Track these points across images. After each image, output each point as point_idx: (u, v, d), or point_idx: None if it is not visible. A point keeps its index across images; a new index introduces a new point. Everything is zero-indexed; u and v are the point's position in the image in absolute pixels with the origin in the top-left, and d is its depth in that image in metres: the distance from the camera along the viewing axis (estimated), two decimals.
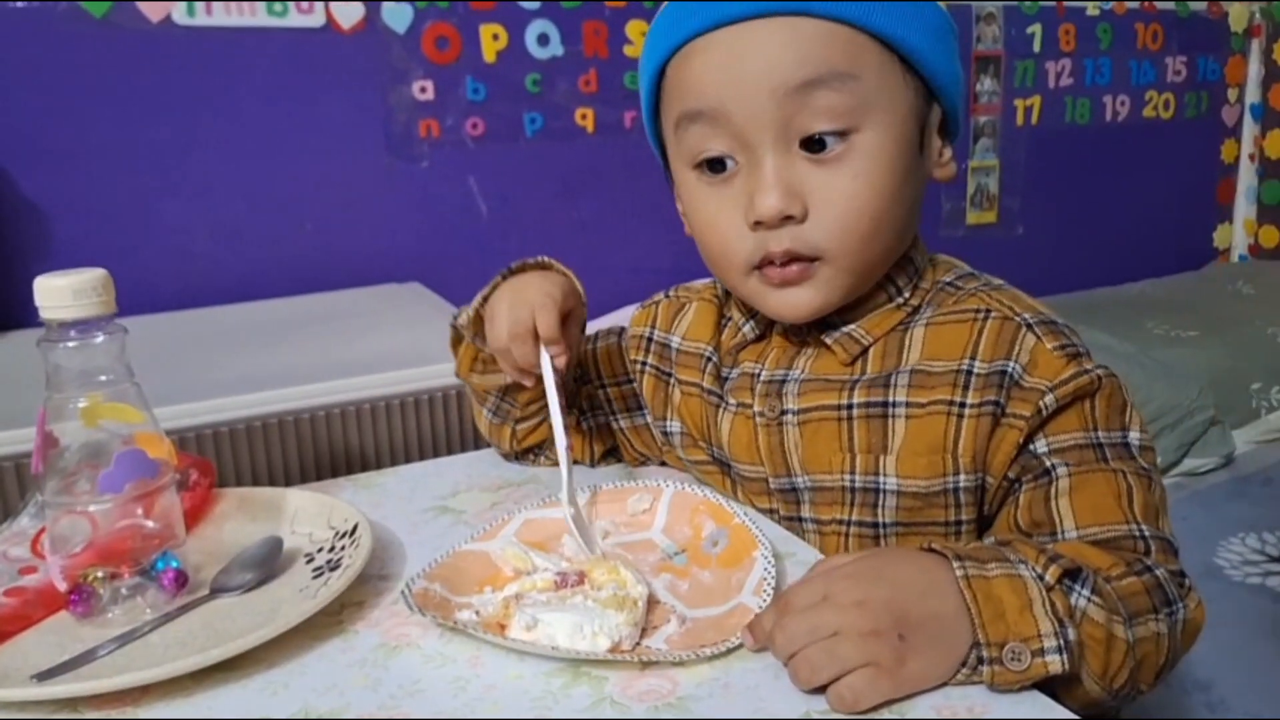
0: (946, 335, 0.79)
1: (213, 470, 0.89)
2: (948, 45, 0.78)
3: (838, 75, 0.73)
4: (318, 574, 0.76)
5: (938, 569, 0.64)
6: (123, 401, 0.73)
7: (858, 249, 0.77)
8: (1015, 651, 0.60)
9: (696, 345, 0.92)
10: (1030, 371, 0.75)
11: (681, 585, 0.75)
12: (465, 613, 0.69)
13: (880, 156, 0.75)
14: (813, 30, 0.73)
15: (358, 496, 0.91)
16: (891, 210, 0.76)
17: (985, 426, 0.75)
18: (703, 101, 0.76)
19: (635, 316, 0.99)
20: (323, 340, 1.52)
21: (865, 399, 0.79)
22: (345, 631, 0.70)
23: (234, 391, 1.22)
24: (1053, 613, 0.61)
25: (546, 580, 0.72)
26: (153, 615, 0.71)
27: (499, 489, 0.93)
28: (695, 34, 0.76)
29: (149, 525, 0.74)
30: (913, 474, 0.77)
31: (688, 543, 0.80)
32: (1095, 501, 0.72)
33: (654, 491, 0.85)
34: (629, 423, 0.99)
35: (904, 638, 0.60)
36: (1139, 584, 0.67)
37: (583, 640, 0.64)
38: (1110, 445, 0.74)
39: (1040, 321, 0.77)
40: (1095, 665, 0.63)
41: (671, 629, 0.68)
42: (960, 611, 0.61)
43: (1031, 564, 0.64)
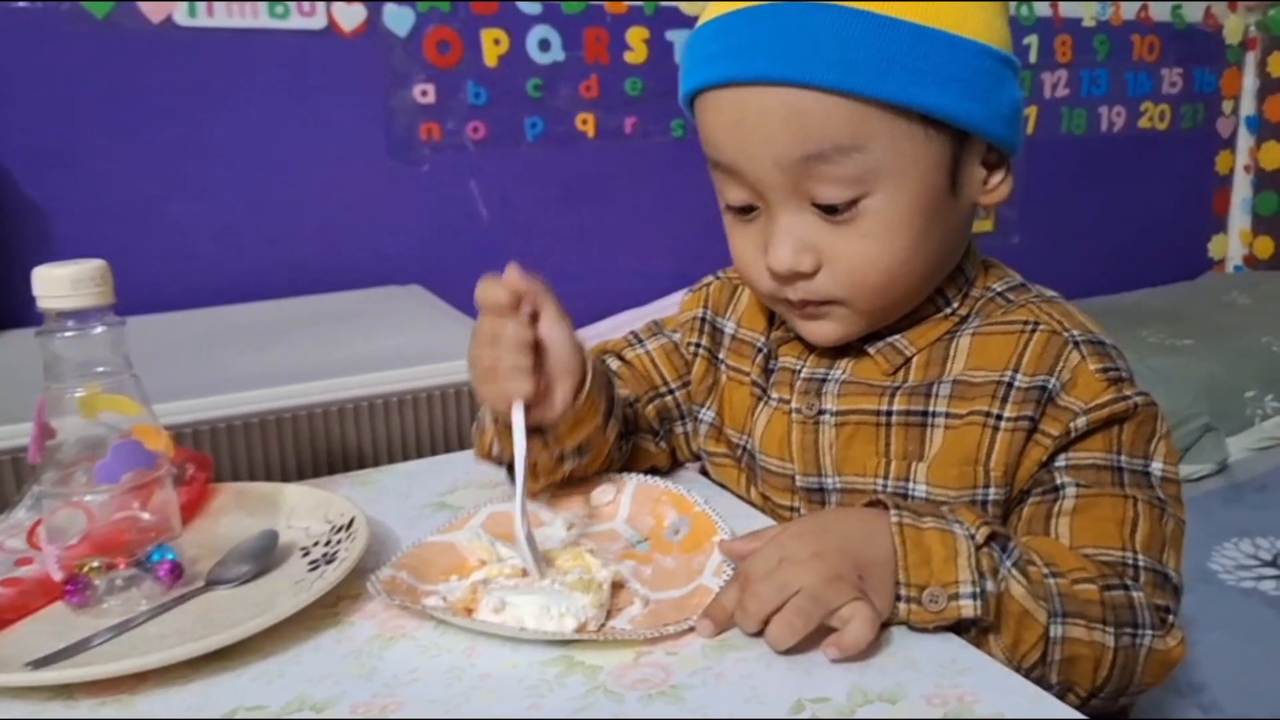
0: (992, 346, 0.79)
1: (210, 464, 0.89)
2: (983, 85, 0.72)
3: (840, 149, 0.71)
4: (313, 567, 0.76)
5: (876, 519, 0.68)
6: (121, 393, 0.73)
7: (871, 298, 0.77)
8: (934, 595, 0.65)
9: (752, 334, 0.91)
10: (1069, 390, 0.75)
11: (645, 570, 0.76)
12: (432, 599, 0.70)
13: (894, 216, 0.73)
14: (813, 104, 0.70)
15: (355, 493, 0.91)
16: (909, 261, 0.75)
17: (1019, 441, 0.75)
18: (719, 154, 0.77)
19: (686, 301, 0.98)
20: (322, 340, 1.52)
21: (906, 407, 0.79)
22: (341, 623, 0.70)
23: (233, 389, 1.23)
24: (975, 566, 0.65)
25: (514, 567, 0.73)
26: (148, 606, 0.71)
27: (496, 486, 0.93)
28: (704, 86, 0.75)
29: (145, 517, 0.74)
30: (943, 483, 0.77)
31: (650, 531, 0.82)
32: (1095, 525, 0.73)
33: (618, 483, 0.87)
34: (693, 425, 0.96)
35: (862, 578, 0.65)
36: (1096, 593, 0.69)
37: (550, 621, 0.66)
38: (1130, 471, 0.75)
39: (1088, 340, 0.77)
40: (1007, 635, 0.67)
41: (635, 610, 0.70)
42: (893, 554, 0.66)
43: (966, 525, 0.67)
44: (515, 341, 0.74)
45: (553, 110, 2.26)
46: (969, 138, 0.75)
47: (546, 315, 0.77)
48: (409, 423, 1.30)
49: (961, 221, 0.79)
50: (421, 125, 2.14)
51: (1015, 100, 0.76)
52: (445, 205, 2.19)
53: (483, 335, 0.76)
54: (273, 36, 1.97)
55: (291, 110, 2.02)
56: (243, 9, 1.93)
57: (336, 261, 2.07)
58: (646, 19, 2.32)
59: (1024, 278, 0.86)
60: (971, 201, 0.78)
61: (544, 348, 0.76)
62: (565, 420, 0.79)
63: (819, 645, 0.63)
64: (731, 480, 0.92)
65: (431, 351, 1.39)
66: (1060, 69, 2.97)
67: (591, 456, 0.85)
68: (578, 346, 0.79)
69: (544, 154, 2.27)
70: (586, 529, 0.83)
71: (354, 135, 2.08)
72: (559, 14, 2.23)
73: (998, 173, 0.78)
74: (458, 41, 2.14)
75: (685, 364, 0.95)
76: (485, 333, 0.76)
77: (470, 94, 2.17)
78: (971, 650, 0.65)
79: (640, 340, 0.97)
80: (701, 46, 0.76)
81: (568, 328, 0.78)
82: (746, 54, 0.71)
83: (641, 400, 0.94)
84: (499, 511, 0.83)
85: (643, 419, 0.94)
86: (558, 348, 0.77)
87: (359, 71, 2.07)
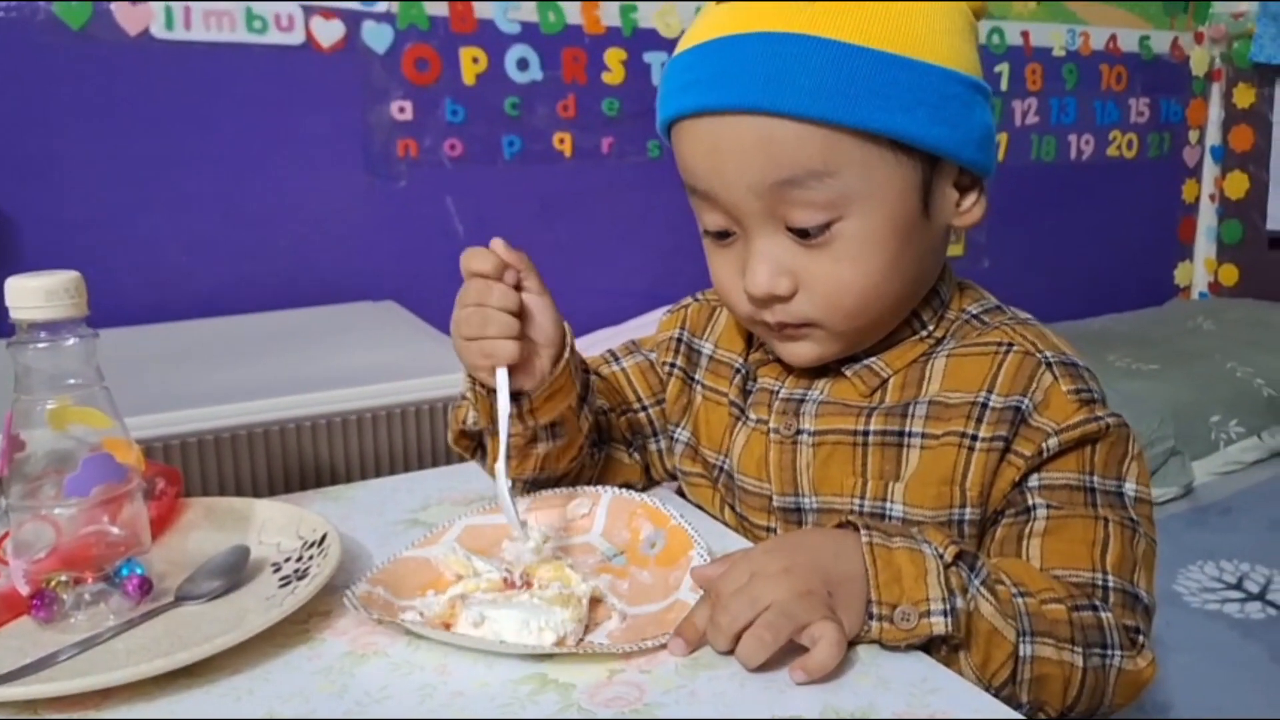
0: (967, 367, 0.79)
1: (180, 479, 0.89)
2: (952, 110, 0.73)
3: (813, 175, 0.72)
4: (285, 583, 0.76)
5: (846, 537, 0.68)
6: (92, 406, 0.72)
7: (847, 320, 0.78)
8: (905, 613, 0.65)
9: (730, 355, 0.92)
10: (1041, 411, 0.76)
11: (621, 585, 0.77)
12: (409, 614, 0.70)
13: (867, 239, 0.74)
14: (785, 131, 0.71)
15: (327, 508, 0.91)
16: (883, 283, 0.76)
17: (993, 461, 0.76)
18: (696, 181, 0.78)
19: (664, 321, 0.99)
20: (296, 355, 1.51)
21: (882, 427, 0.80)
22: (312, 640, 0.69)
23: (205, 403, 1.22)
24: (945, 584, 0.66)
25: (492, 581, 0.73)
26: (116, 621, 0.71)
27: (470, 502, 0.93)
28: (680, 115, 0.77)
29: (114, 531, 0.73)
30: (920, 503, 0.78)
31: (626, 545, 0.82)
32: (1066, 546, 0.74)
33: (593, 496, 0.87)
34: (666, 443, 0.97)
35: (832, 594, 0.65)
36: (1064, 613, 0.69)
37: (529, 635, 0.66)
38: (1103, 491, 0.75)
39: (1061, 362, 0.78)
40: (977, 654, 0.67)
41: (613, 625, 0.70)
42: (864, 574, 0.66)
43: (935, 544, 0.68)
44: (502, 306, 0.77)
45: (530, 129, 2.27)
46: (941, 161, 0.75)
47: (530, 285, 0.79)
48: (382, 439, 1.29)
49: (935, 244, 0.80)
50: (399, 142, 2.14)
51: (986, 124, 0.77)
52: (421, 222, 2.19)
53: (468, 298, 0.78)
54: (250, 51, 1.97)
55: (268, 125, 2.01)
56: (221, 23, 1.93)
57: (311, 276, 2.07)
58: (624, 40, 2.33)
59: (999, 300, 0.87)
60: (945, 224, 0.79)
61: (527, 316, 0.79)
62: (541, 391, 0.81)
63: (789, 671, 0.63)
64: (706, 500, 0.92)
65: (405, 368, 1.39)
66: (1030, 97, 3.00)
67: (564, 443, 0.86)
68: (559, 319, 0.81)
69: (521, 173, 2.27)
70: (562, 542, 0.83)
71: (331, 151, 2.08)
72: (538, 34, 2.24)
73: (970, 195, 0.79)
74: (436, 59, 2.15)
75: (660, 382, 0.96)
76: (472, 296, 0.77)
77: (448, 112, 2.18)
78: (942, 669, 0.65)
79: (616, 358, 0.98)
80: (677, 76, 0.77)
81: (550, 299, 0.81)
82: (720, 83, 0.72)
83: (615, 414, 0.95)
84: (474, 525, 0.83)
85: (616, 430, 0.95)
86: (541, 317, 0.80)
87: (337, 87, 2.07)
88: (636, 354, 0.98)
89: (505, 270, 0.78)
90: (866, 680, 0.63)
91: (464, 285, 0.79)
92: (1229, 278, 3.41)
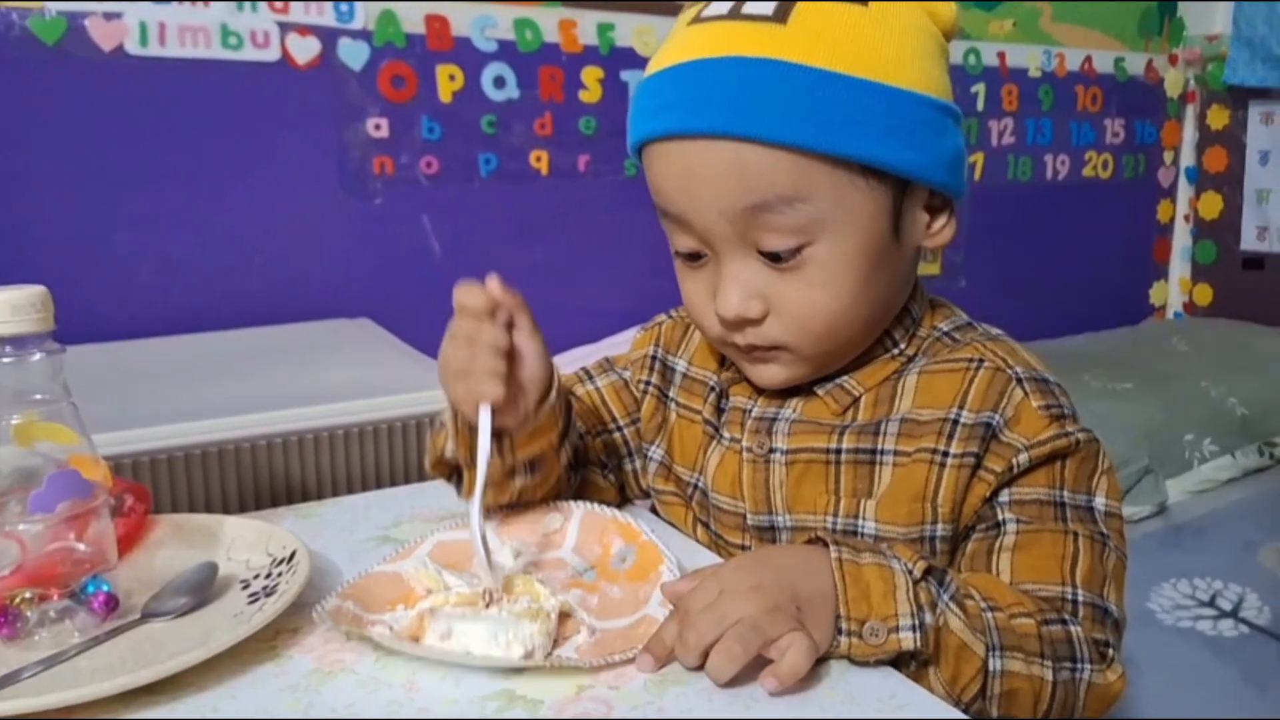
0: (939, 384, 0.80)
1: (148, 496, 0.88)
2: (923, 135, 0.74)
3: (784, 200, 0.72)
4: (253, 600, 0.75)
5: (815, 554, 0.69)
6: (58, 422, 0.72)
7: (817, 343, 0.78)
8: (874, 629, 0.65)
9: (704, 373, 0.92)
10: (1012, 426, 0.76)
11: (591, 599, 0.76)
12: (379, 628, 0.70)
13: (838, 264, 0.75)
14: (756, 156, 0.71)
15: (298, 526, 0.90)
16: (854, 307, 0.77)
17: (964, 477, 0.76)
18: (667, 204, 0.78)
19: (638, 339, 0.98)
20: (269, 372, 1.51)
21: (854, 445, 0.80)
22: (279, 657, 0.69)
23: (176, 419, 1.21)
24: (914, 600, 0.66)
25: (462, 595, 0.72)
26: (81, 639, 0.70)
27: (441, 519, 0.92)
28: (652, 137, 0.76)
29: (80, 548, 0.72)
30: (892, 520, 0.78)
31: (597, 560, 0.82)
32: (1036, 561, 0.74)
33: (565, 511, 0.87)
34: (641, 462, 0.96)
35: (800, 609, 0.65)
36: (1034, 628, 0.70)
37: (497, 648, 0.66)
38: (1073, 506, 0.76)
39: (1031, 378, 0.78)
40: (946, 670, 0.67)
41: (582, 639, 0.70)
42: (833, 590, 0.66)
43: (904, 560, 0.68)
44: (492, 345, 0.75)
45: (506, 147, 2.27)
46: (911, 185, 0.76)
47: (522, 326, 0.78)
48: (354, 456, 1.29)
49: (906, 265, 0.80)
50: (375, 159, 2.14)
51: (956, 147, 0.77)
52: (397, 240, 2.19)
53: (459, 335, 0.76)
54: (225, 68, 1.97)
55: (243, 142, 2.01)
56: (195, 39, 1.92)
57: (287, 294, 2.06)
58: (601, 58, 2.34)
59: (970, 317, 0.87)
60: (915, 245, 0.80)
61: (517, 356, 0.78)
62: (524, 430, 0.80)
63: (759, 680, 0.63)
64: (679, 519, 0.92)
65: (379, 385, 1.38)
66: (1006, 117, 3.03)
67: (541, 477, 0.85)
68: (548, 361, 0.80)
69: (497, 190, 2.28)
70: (534, 557, 0.83)
71: (306, 168, 2.08)
72: (515, 52, 2.24)
73: (941, 216, 0.80)
74: (413, 76, 2.15)
75: (635, 402, 0.96)
76: (462, 333, 0.76)
77: (424, 129, 2.18)
78: (911, 685, 0.65)
79: (591, 376, 0.98)
80: (649, 98, 0.77)
81: (541, 341, 0.80)
82: (691, 108, 0.72)
83: (590, 435, 0.94)
84: (446, 540, 0.82)
85: (592, 453, 0.94)
86: (530, 358, 0.79)
87: (313, 104, 2.06)
88: (610, 373, 0.98)
89: (497, 308, 0.77)
90: (834, 695, 0.63)
91: (455, 319, 0.77)
92: (1203, 298, 3.44)
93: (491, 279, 0.78)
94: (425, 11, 2.14)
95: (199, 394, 1.35)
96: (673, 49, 0.76)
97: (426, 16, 2.15)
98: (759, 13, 0.72)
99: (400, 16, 2.12)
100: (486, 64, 2.22)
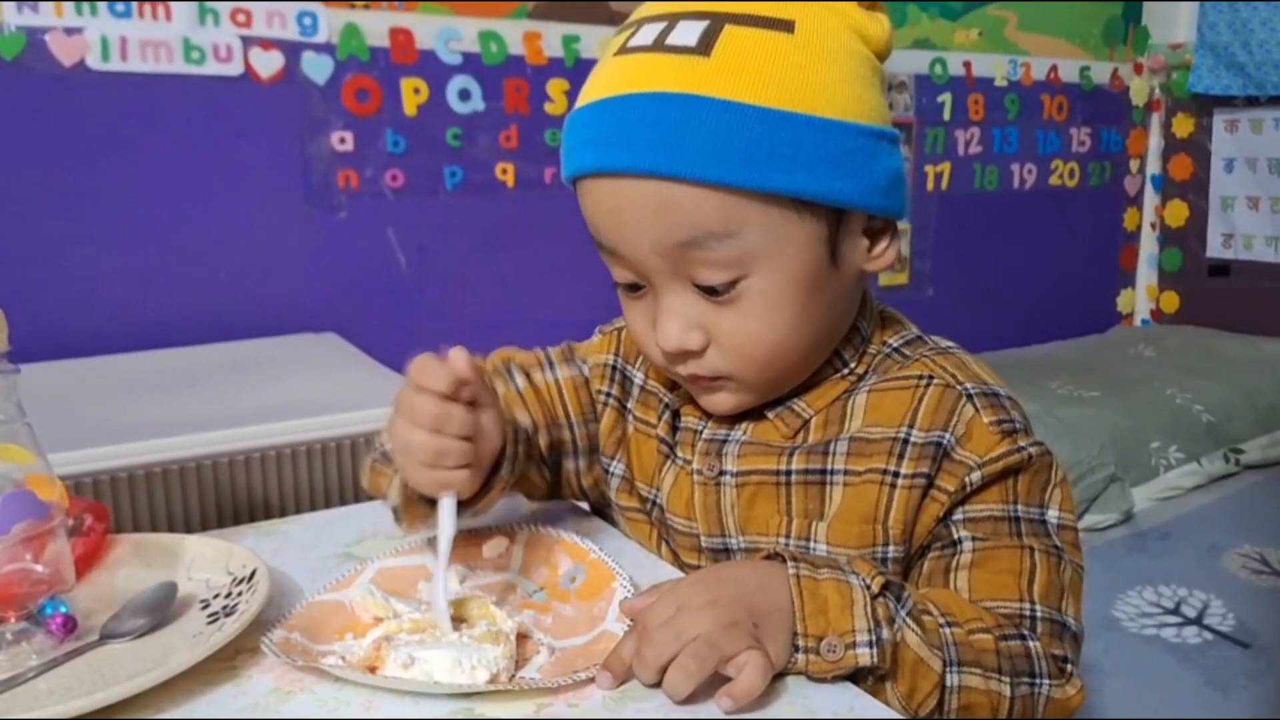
0: (888, 402, 0.79)
1: (107, 515, 0.87)
2: (855, 163, 0.72)
3: (713, 236, 0.71)
4: (213, 619, 0.74)
5: (773, 569, 0.68)
6: (12, 442, 0.71)
7: (759, 372, 0.78)
8: (831, 645, 0.65)
9: (658, 388, 0.90)
10: (963, 444, 0.76)
11: (545, 619, 0.76)
12: (329, 659, 0.69)
13: (774, 294, 0.74)
14: (682, 194, 0.70)
15: (259, 544, 0.90)
16: (793, 336, 0.76)
17: (915, 498, 0.76)
18: (601, 237, 0.77)
19: (596, 342, 0.96)
20: (232, 388, 1.50)
21: (804, 466, 0.80)
22: (238, 677, 0.68)
23: (136, 437, 1.20)
24: (871, 615, 0.66)
25: (415, 621, 0.72)
26: (39, 661, 0.69)
27: (403, 537, 0.92)
28: (581, 173, 0.76)
29: (38, 570, 0.72)
30: (843, 543, 0.78)
31: (546, 581, 0.82)
32: (993, 578, 0.74)
33: (509, 534, 0.86)
34: (586, 462, 0.94)
35: (757, 625, 0.65)
36: (991, 643, 0.70)
37: (462, 674, 0.65)
38: (1027, 520, 0.76)
39: (982, 393, 0.78)
40: (903, 684, 0.67)
41: (543, 659, 0.70)
42: (790, 605, 0.66)
43: (862, 575, 0.68)
44: (460, 434, 0.72)
45: (472, 159, 2.27)
46: (847, 212, 0.75)
47: (484, 400, 0.74)
48: (317, 472, 1.28)
49: (846, 290, 0.79)
50: (339, 172, 2.13)
51: (893, 170, 0.76)
52: (363, 253, 2.18)
53: (422, 420, 0.71)
54: (188, 82, 1.96)
55: (206, 156, 2.00)
56: (158, 53, 1.91)
57: (251, 308, 2.05)
58: (567, 70, 2.34)
59: (921, 329, 0.87)
60: (857, 269, 0.79)
61: (478, 434, 0.74)
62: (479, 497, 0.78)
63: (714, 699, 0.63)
64: (643, 535, 0.91)
65: (344, 400, 1.38)
66: (973, 126, 3.05)
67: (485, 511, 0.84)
68: (504, 427, 0.77)
69: (463, 203, 2.28)
70: (482, 580, 0.82)
71: (270, 181, 2.07)
72: (480, 64, 2.25)
73: (882, 239, 0.79)
74: (377, 90, 2.15)
75: (591, 402, 0.94)
76: (428, 416, 0.71)
77: (389, 142, 2.17)
78: (869, 699, 0.65)
79: (551, 364, 0.95)
80: (578, 132, 0.76)
81: (500, 416, 0.76)
82: (616, 145, 0.71)
83: (538, 429, 0.91)
84: (388, 568, 0.82)
85: (535, 449, 0.90)
86: (492, 434, 0.75)
87: (276, 118, 2.06)
88: (571, 364, 0.95)
89: (462, 388, 0.72)
90: (794, 709, 0.63)
91: (411, 399, 0.72)
92: (1170, 305, 3.48)
93: (455, 352, 0.72)
94: (389, 24, 2.14)
95: (161, 411, 1.34)
96: (599, 81, 0.75)
97: (391, 29, 2.15)
98: (682, 43, 0.71)
99: (364, 29, 2.12)
100: (451, 76, 2.22)
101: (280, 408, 1.33)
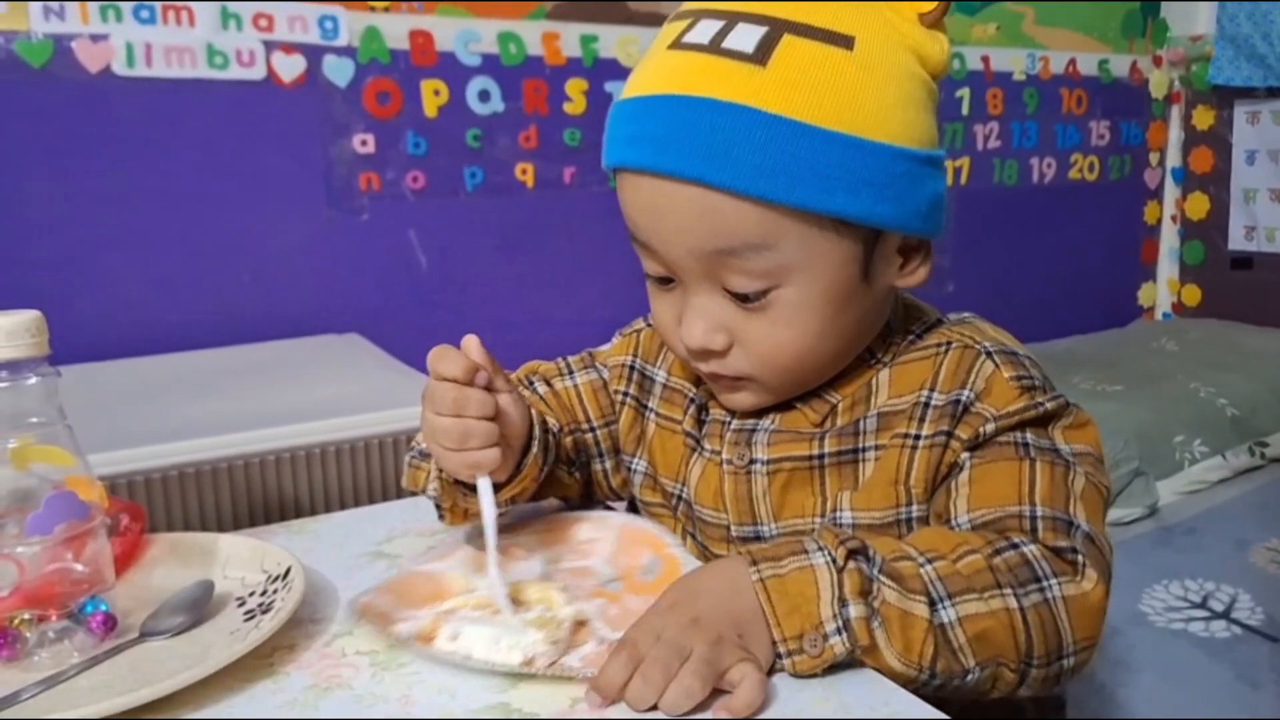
0: (911, 372, 0.80)
1: (144, 515, 0.88)
2: (899, 187, 0.73)
3: (751, 247, 0.72)
4: (249, 617, 0.75)
5: (738, 573, 0.68)
6: (54, 444, 0.72)
7: (781, 376, 0.79)
8: (813, 640, 0.64)
9: (683, 383, 0.91)
10: (983, 398, 0.76)
11: (611, 609, 0.76)
12: (403, 624, 0.71)
13: (804, 306, 0.75)
14: (724, 203, 0.71)
15: (291, 542, 0.91)
16: (819, 345, 0.77)
17: (936, 456, 0.77)
18: (637, 232, 0.78)
19: (615, 345, 0.98)
20: (259, 389, 1.51)
21: (837, 448, 0.80)
22: (275, 674, 0.69)
23: (168, 439, 1.21)
24: (839, 596, 0.65)
25: (479, 599, 0.73)
26: (80, 659, 0.70)
27: (434, 534, 0.93)
28: (623, 166, 0.76)
29: (78, 569, 0.73)
30: (869, 507, 0.78)
31: (625, 570, 0.82)
32: (991, 488, 0.74)
33: (603, 522, 0.88)
34: (613, 463, 0.96)
35: (741, 635, 0.65)
36: (982, 562, 0.67)
37: (497, 652, 0.67)
38: (1036, 446, 0.75)
39: (1000, 351, 0.79)
40: (896, 643, 0.65)
41: (589, 649, 0.70)
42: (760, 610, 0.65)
43: (828, 549, 0.67)
44: (481, 415, 0.74)
45: (492, 160, 2.28)
46: (884, 232, 0.76)
47: (500, 385, 0.77)
48: (346, 472, 1.29)
49: (877, 303, 0.80)
50: (361, 175, 2.14)
51: (935, 194, 0.76)
52: (384, 255, 2.19)
53: (444, 406, 0.74)
54: (212, 87, 1.97)
55: (230, 160, 2.02)
56: (182, 59, 1.93)
57: (275, 310, 2.06)
58: (585, 70, 2.35)
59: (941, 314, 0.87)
60: (888, 285, 0.79)
61: (501, 417, 0.76)
62: (512, 481, 0.81)
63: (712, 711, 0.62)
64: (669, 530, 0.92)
65: (369, 401, 1.39)
66: (992, 121, 3.04)
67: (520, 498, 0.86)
68: (527, 411, 0.81)
69: (483, 204, 2.28)
70: (566, 564, 0.83)
71: (293, 184, 2.08)
72: (498, 65, 2.25)
73: (916, 257, 0.80)
74: (398, 92, 2.16)
75: (610, 404, 0.95)
76: (448, 406, 0.74)
77: (410, 144, 2.18)
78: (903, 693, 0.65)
79: (571, 371, 0.97)
80: (622, 125, 0.76)
81: (521, 400, 0.80)
82: (663, 146, 0.71)
83: (563, 432, 0.93)
84: None
85: (563, 450, 0.92)
86: (514, 416, 0.78)
87: (298, 121, 2.07)
88: (590, 370, 0.97)
89: (477, 372, 0.75)
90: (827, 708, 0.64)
91: (433, 388, 0.75)
92: (1192, 298, 3.45)
93: (468, 341, 0.76)
94: (409, 27, 2.15)
95: (191, 412, 1.36)
96: (651, 73, 0.75)
97: (410, 32, 2.15)
98: (740, 48, 0.70)
99: (385, 33, 2.13)
100: (471, 78, 2.23)
101: (307, 408, 1.34)
